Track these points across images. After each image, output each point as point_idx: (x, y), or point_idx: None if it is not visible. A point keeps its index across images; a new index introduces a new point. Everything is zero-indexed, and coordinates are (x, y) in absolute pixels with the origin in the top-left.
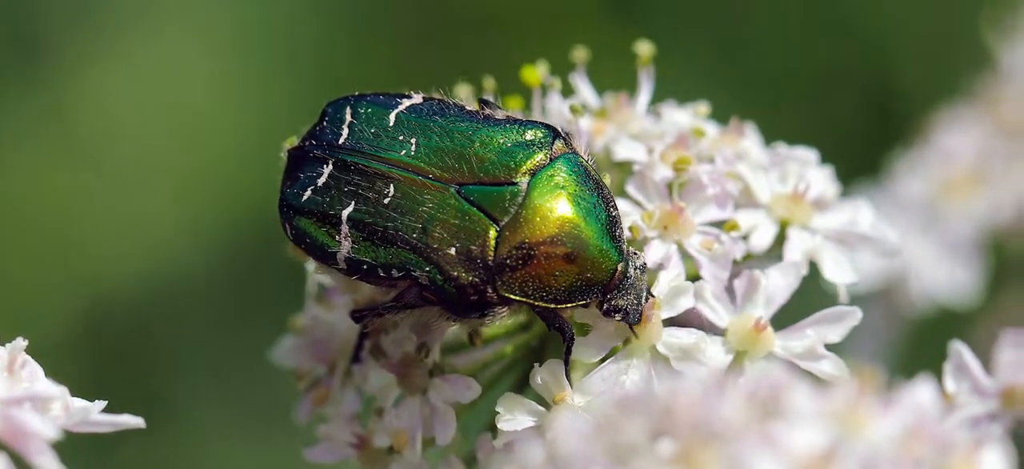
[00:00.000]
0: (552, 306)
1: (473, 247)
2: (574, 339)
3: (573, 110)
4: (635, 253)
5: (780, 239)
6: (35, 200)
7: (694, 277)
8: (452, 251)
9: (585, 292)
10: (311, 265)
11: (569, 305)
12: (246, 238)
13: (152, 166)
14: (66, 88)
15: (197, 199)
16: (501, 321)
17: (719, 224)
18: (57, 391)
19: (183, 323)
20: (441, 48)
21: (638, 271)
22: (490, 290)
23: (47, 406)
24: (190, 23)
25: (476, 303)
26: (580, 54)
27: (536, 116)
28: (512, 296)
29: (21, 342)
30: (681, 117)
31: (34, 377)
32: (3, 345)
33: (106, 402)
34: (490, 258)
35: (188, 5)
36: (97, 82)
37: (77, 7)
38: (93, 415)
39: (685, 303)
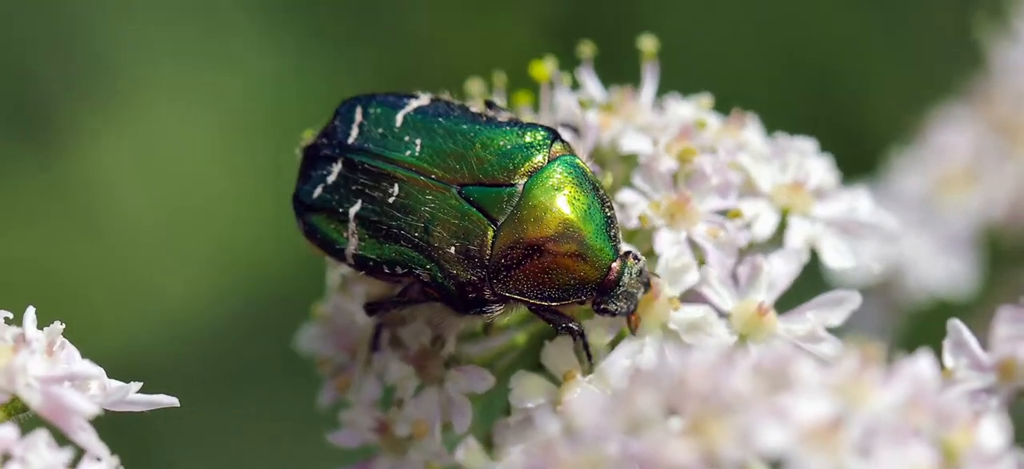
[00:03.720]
0: (547, 304)
1: (471, 246)
2: (584, 332)
3: (581, 104)
4: (635, 257)
5: (782, 227)
6: (32, 270)
7: (699, 264)
8: (452, 250)
9: (579, 291)
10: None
11: (564, 303)
12: (242, 306)
13: (149, 237)
14: (63, 160)
15: (193, 269)
16: (499, 318)
17: (723, 213)
18: (96, 371)
19: (181, 392)
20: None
21: (632, 275)
22: (487, 288)
23: (86, 385)
24: (184, 94)
25: (474, 301)
26: (586, 50)
27: (545, 111)
28: (508, 294)
29: (58, 325)
30: (684, 109)
31: (72, 358)
32: (41, 329)
33: (142, 383)
34: (487, 257)
35: (182, 77)
36: (95, 154)
37: (75, 81)
38: (130, 395)
39: (690, 279)
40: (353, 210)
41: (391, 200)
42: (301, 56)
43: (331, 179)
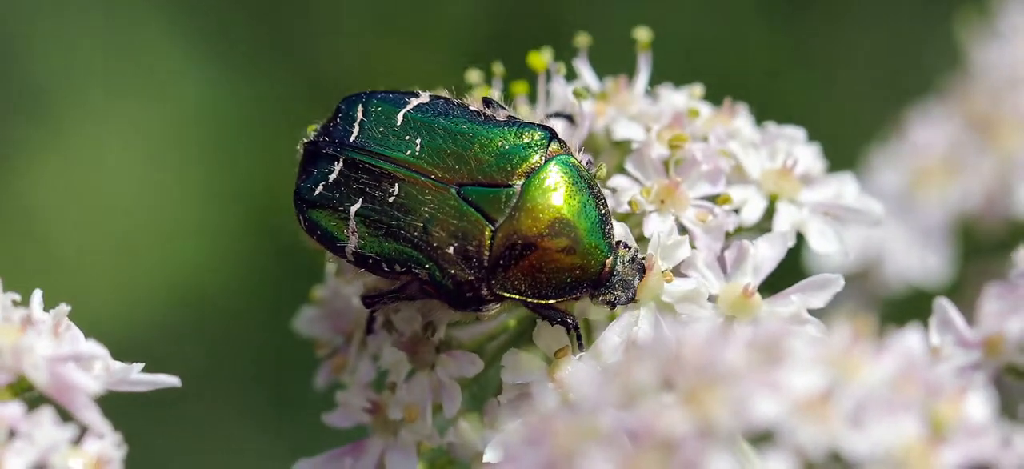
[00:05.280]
0: (545, 302)
1: (470, 246)
2: (578, 325)
3: (577, 94)
4: (626, 246)
5: (769, 212)
6: None
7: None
8: (450, 249)
9: (576, 287)
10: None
11: (561, 300)
12: (167, 329)
13: (76, 261)
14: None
15: (118, 293)
16: (495, 315)
17: (712, 198)
18: (100, 351)
19: (109, 411)
20: None
21: (627, 264)
22: (485, 288)
23: (90, 364)
24: (111, 120)
25: (472, 299)
26: (582, 40)
27: (541, 100)
28: (506, 293)
29: (65, 307)
30: (677, 98)
31: (76, 339)
32: (47, 311)
33: (144, 364)
34: (486, 257)
35: (109, 104)
36: (24, 179)
37: (3, 107)
38: (132, 374)
39: (682, 254)
40: (354, 208)
41: (391, 199)
42: (227, 84)
43: (332, 177)
